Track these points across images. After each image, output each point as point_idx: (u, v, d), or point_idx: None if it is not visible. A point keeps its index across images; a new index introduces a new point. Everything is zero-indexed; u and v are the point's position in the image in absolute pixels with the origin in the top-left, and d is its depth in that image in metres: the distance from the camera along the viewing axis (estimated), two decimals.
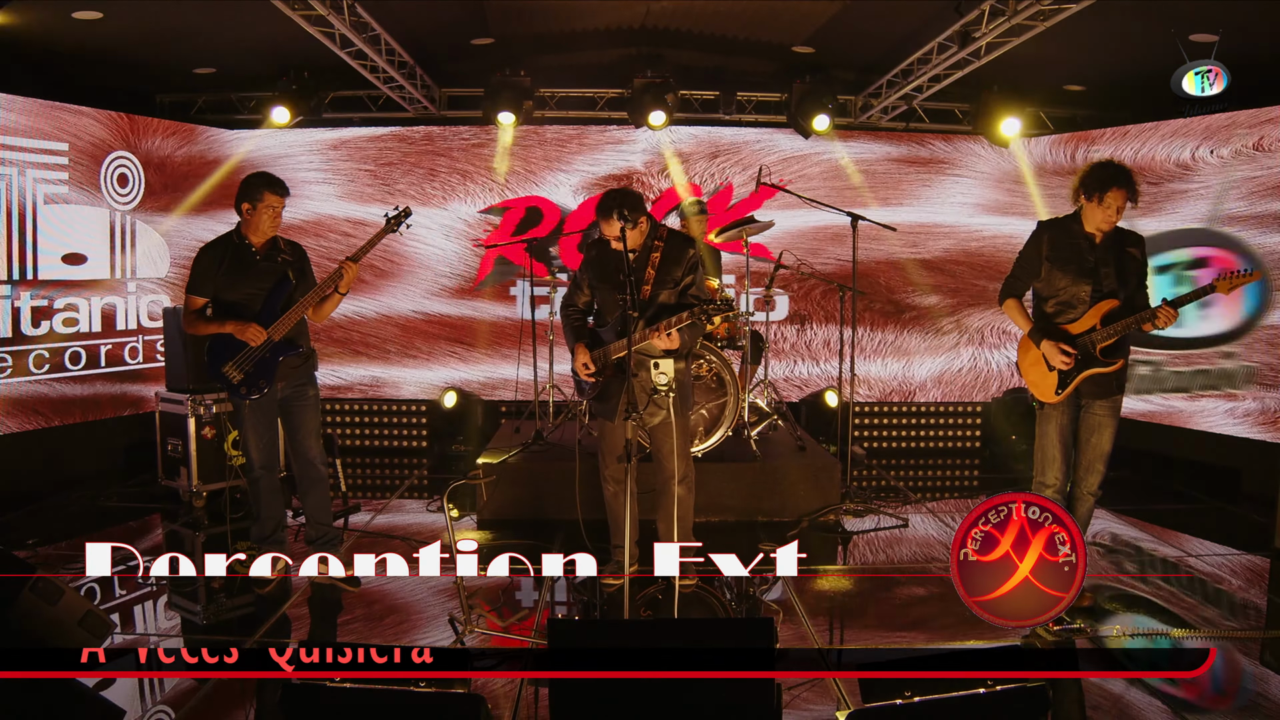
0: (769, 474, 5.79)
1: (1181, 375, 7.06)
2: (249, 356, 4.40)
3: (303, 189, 7.92)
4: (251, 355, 4.40)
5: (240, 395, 4.43)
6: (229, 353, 4.40)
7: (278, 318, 4.41)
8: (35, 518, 5.80)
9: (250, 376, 4.41)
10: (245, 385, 4.41)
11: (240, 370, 4.40)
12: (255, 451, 4.54)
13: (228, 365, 4.40)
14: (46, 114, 6.49)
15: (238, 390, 4.42)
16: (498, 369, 8.16)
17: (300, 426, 4.61)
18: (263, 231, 4.44)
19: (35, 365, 6.48)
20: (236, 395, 4.45)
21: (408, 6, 6.08)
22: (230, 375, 4.40)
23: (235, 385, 4.42)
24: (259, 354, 4.40)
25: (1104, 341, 4.11)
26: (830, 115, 7.36)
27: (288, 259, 4.53)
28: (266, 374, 4.43)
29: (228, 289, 4.42)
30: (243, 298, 4.42)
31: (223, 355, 4.41)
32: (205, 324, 4.41)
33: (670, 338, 4.19)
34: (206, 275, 4.41)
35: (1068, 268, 4.16)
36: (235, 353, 4.40)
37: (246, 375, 4.40)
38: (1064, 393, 4.19)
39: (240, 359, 4.39)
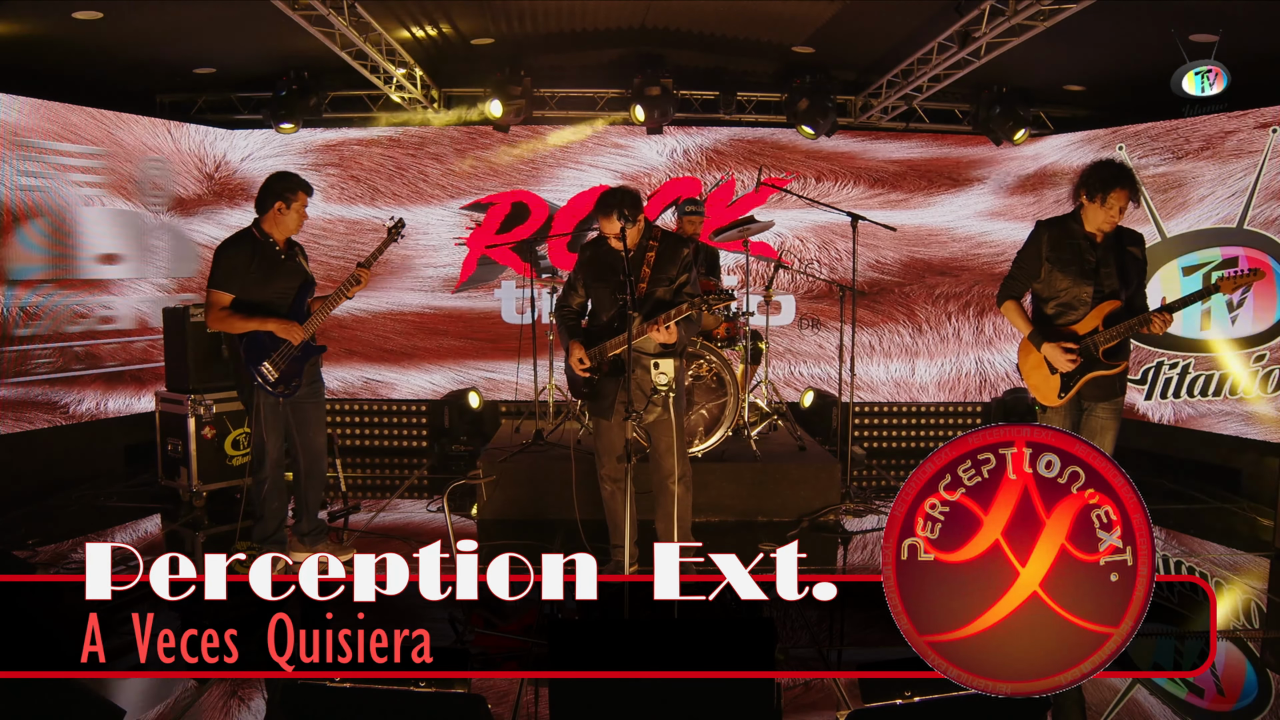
0: (769, 474, 5.79)
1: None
2: (285, 354, 4.43)
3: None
4: (287, 353, 4.43)
5: (276, 393, 4.45)
6: (266, 350, 4.42)
7: (306, 318, 4.45)
8: (35, 518, 5.79)
9: (285, 374, 4.44)
10: (282, 383, 4.44)
11: (277, 368, 4.42)
12: (274, 450, 4.55)
13: (266, 362, 4.41)
14: (43, 112, 6.49)
15: (274, 388, 4.44)
16: (499, 369, 8.16)
17: (312, 421, 4.66)
18: (289, 230, 4.48)
19: (35, 365, 6.47)
20: (272, 393, 4.46)
21: (408, 6, 6.08)
22: (268, 373, 4.42)
23: (273, 383, 4.43)
24: (293, 352, 4.44)
25: (1107, 343, 4.07)
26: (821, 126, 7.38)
27: (302, 259, 4.58)
28: (298, 372, 4.48)
29: (257, 287, 4.43)
30: (272, 296, 4.45)
31: (261, 353, 4.42)
32: (243, 320, 4.39)
33: (668, 331, 4.19)
34: (235, 272, 4.41)
35: (1069, 268, 4.12)
36: (273, 350, 4.42)
37: (282, 373, 4.43)
38: (1067, 396, 4.16)
39: (278, 356, 4.42)
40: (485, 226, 8.00)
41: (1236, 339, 6.74)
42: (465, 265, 8.07)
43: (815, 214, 7.79)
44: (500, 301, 8.12)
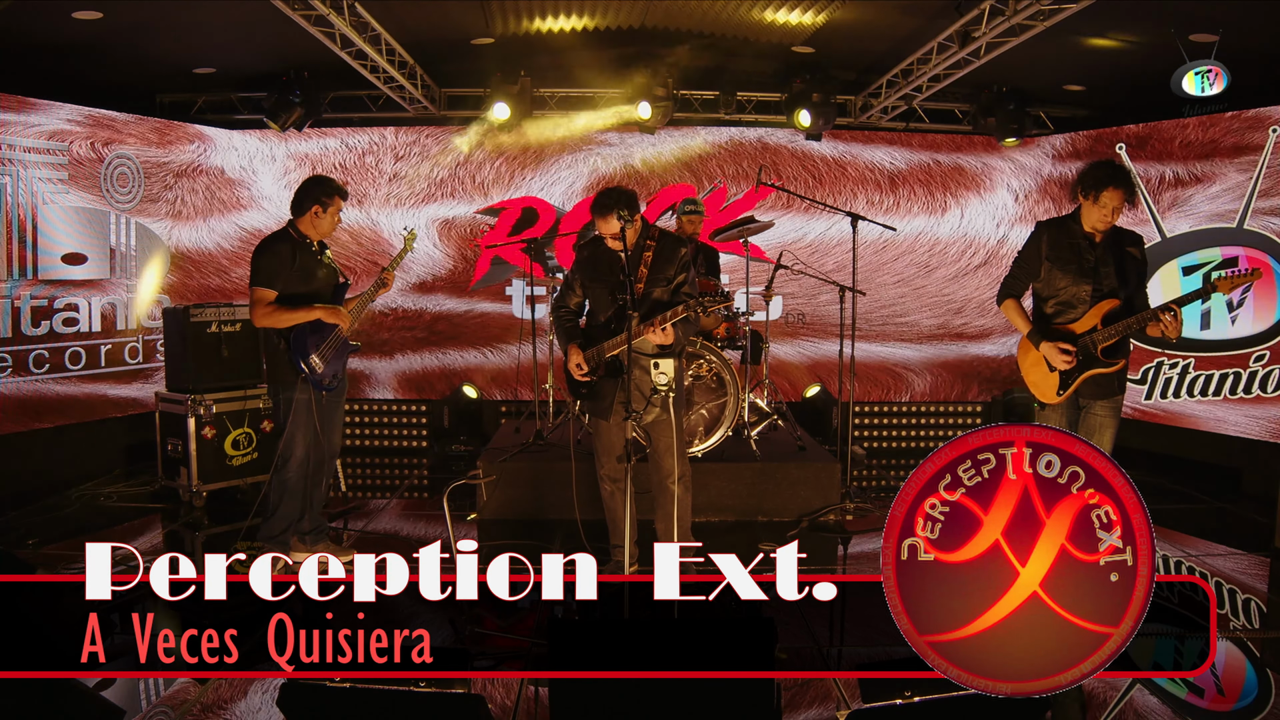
0: (769, 474, 5.79)
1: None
2: (332, 345, 4.47)
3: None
4: (333, 345, 4.47)
5: (322, 386, 4.48)
6: (312, 344, 4.44)
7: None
8: (35, 518, 5.80)
9: (331, 367, 4.47)
10: (328, 375, 4.48)
11: (324, 359, 4.45)
12: (301, 449, 4.55)
13: (314, 355, 4.44)
14: (46, 113, 6.48)
15: (320, 380, 4.46)
16: (499, 369, 8.16)
17: (336, 420, 4.71)
18: (324, 232, 4.55)
19: (35, 365, 6.47)
20: (319, 387, 4.48)
21: (408, 6, 6.08)
22: (316, 365, 4.44)
23: (320, 375, 4.46)
24: (338, 344, 4.49)
25: (1105, 341, 4.10)
26: (815, 115, 7.38)
27: (331, 258, 4.65)
28: (339, 368, 4.52)
29: (299, 285, 4.47)
30: (311, 294, 4.49)
31: (307, 346, 4.44)
32: (289, 313, 4.42)
33: (665, 332, 4.18)
34: (278, 271, 4.44)
35: (1068, 267, 4.15)
36: (320, 342, 4.45)
37: (328, 365, 4.46)
38: (1065, 393, 4.19)
39: (324, 349, 4.45)
40: (497, 229, 8.05)
41: (1236, 339, 6.75)
42: (479, 265, 8.13)
43: (811, 229, 7.80)
44: (511, 299, 8.18)
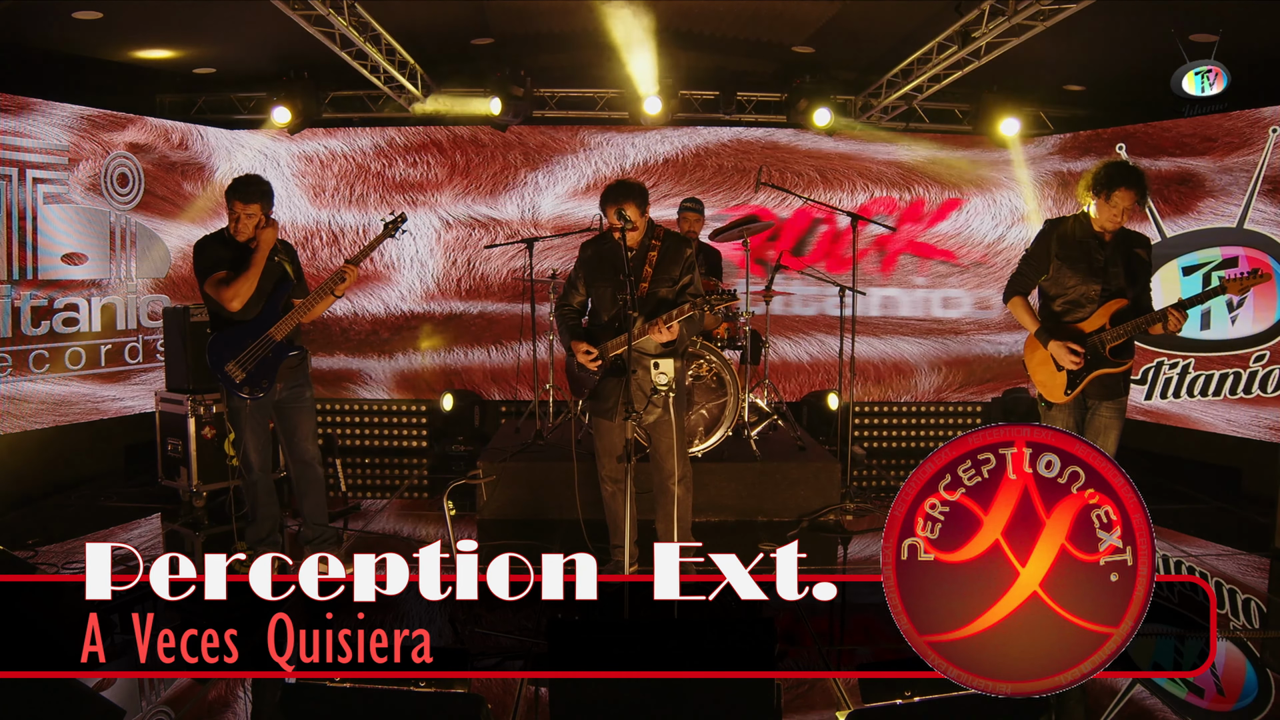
0: (769, 474, 5.79)
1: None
2: (251, 355, 4.39)
3: (295, 191, 7.94)
4: (254, 354, 4.39)
5: (243, 395, 4.42)
6: (231, 351, 4.39)
7: (280, 317, 4.41)
8: (35, 518, 5.79)
9: (253, 376, 4.39)
10: (248, 385, 4.40)
11: (243, 369, 4.38)
12: (254, 454, 4.53)
13: (230, 364, 4.38)
14: (46, 113, 6.48)
15: (240, 390, 4.41)
16: (499, 369, 8.15)
17: (298, 428, 4.61)
18: (244, 232, 4.43)
19: (35, 365, 6.47)
20: (238, 395, 4.43)
21: (408, 6, 6.08)
22: (233, 374, 4.38)
23: (238, 385, 4.40)
24: (261, 353, 4.39)
25: (1114, 341, 4.11)
26: (832, 110, 7.37)
27: (283, 258, 4.53)
28: (268, 374, 4.42)
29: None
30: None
31: (224, 354, 4.39)
32: (241, 279, 4.31)
33: (670, 330, 4.18)
34: (218, 258, 4.40)
35: (1077, 266, 4.15)
36: (238, 351, 4.39)
37: (249, 374, 4.39)
38: (1073, 393, 4.18)
39: (243, 358, 4.38)
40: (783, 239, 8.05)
41: (1236, 339, 6.75)
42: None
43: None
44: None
